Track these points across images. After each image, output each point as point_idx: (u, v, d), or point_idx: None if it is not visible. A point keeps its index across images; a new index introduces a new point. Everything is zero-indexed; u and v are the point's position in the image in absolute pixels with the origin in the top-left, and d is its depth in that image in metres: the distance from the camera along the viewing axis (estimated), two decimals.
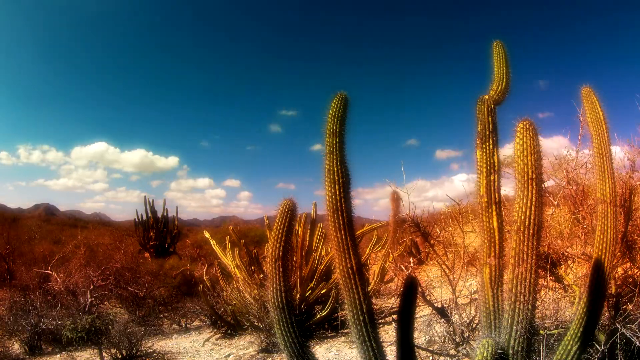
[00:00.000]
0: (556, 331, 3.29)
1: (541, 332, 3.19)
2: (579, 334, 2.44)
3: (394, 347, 3.21)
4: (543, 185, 2.40)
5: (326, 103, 2.69)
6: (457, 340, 4.03)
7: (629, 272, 3.65)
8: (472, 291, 5.03)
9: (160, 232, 15.60)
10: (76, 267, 9.13)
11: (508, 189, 2.78)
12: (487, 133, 2.72)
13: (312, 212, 7.10)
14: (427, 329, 4.47)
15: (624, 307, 3.46)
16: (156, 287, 10.18)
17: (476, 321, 4.04)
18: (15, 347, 6.87)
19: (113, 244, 12.70)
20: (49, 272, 9.32)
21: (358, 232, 6.48)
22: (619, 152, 3.81)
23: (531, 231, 2.24)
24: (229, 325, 7.13)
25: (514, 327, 2.30)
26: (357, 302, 2.49)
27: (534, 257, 2.25)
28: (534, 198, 2.26)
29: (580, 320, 2.47)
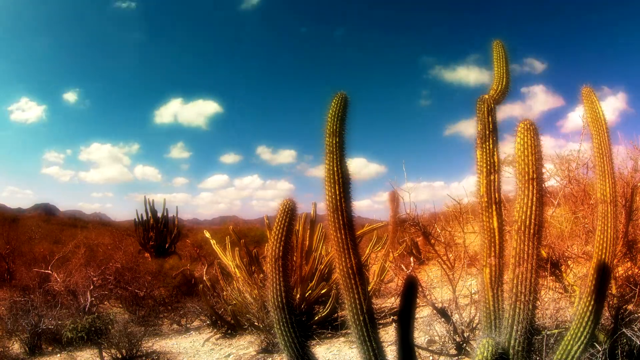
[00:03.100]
0: (556, 331, 3.28)
1: (542, 332, 3.19)
2: (579, 334, 2.44)
3: (394, 347, 3.21)
4: (544, 185, 2.39)
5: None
6: (458, 340, 4.02)
7: (630, 272, 3.65)
8: (473, 291, 5.03)
9: (160, 232, 15.59)
10: (76, 267, 9.12)
11: (509, 188, 2.78)
12: (487, 133, 2.71)
13: (312, 212, 7.09)
14: (427, 329, 4.46)
15: (625, 306, 3.45)
16: (156, 287, 10.17)
17: (476, 321, 4.04)
18: (15, 347, 6.86)
19: (113, 244, 12.70)
20: (49, 272, 9.31)
21: (358, 232, 6.48)
22: (621, 152, 3.81)
23: (532, 231, 2.24)
24: (229, 325, 7.13)
25: (515, 327, 2.29)
26: (357, 302, 2.49)
27: (535, 257, 2.24)
28: (534, 198, 2.25)
29: (581, 320, 2.47)
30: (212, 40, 36.30)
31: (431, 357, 4.44)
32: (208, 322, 7.92)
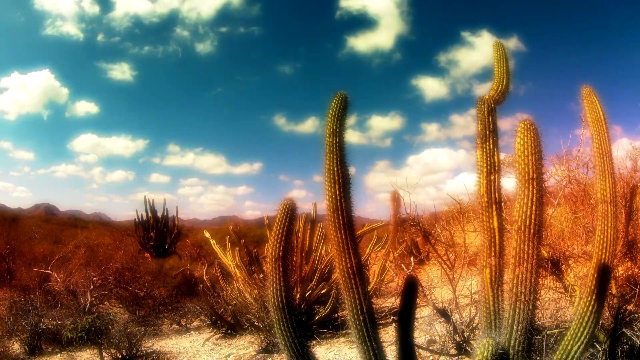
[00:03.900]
0: (556, 331, 3.28)
1: (542, 332, 3.19)
2: (579, 334, 2.44)
3: (394, 347, 3.21)
4: (544, 185, 2.39)
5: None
6: (458, 340, 4.02)
7: (630, 272, 3.65)
8: (473, 291, 5.03)
9: (160, 232, 15.60)
10: (76, 267, 9.12)
11: (509, 188, 2.78)
12: (487, 133, 2.71)
13: (312, 212, 7.09)
14: (427, 329, 4.47)
15: (625, 306, 3.45)
16: (156, 287, 10.17)
17: (476, 321, 4.04)
18: (15, 347, 6.86)
19: (113, 244, 12.70)
20: (49, 272, 9.32)
21: (358, 232, 6.48)
22: (620, 152, 3.81)
23: (532, 231, 2.24)
24: (229, 325, 7.13)
25: (515, 327, 2.29)
26: (357, 302, 2.49)
27: (535, 257, 2.24)
28: (534, 198, 2.25)
29: (581, 320, 2.47)
30: None
31: (431, 357, 4.44)
32: (208, 322, 7.92)
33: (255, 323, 6.30)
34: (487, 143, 2.70)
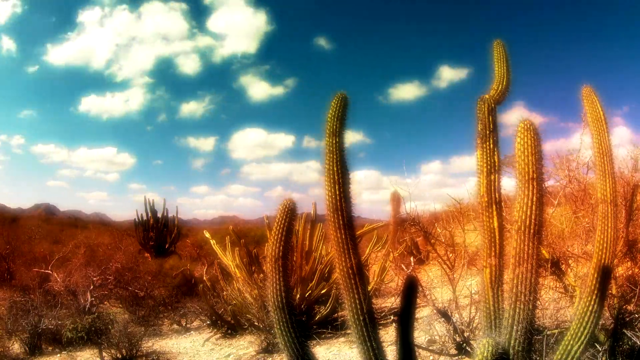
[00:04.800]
0: (556, 331, 3.28)
1: (542, 332, 3.19)
2: (579, 334, 2.44)
3: (394, 347, 3.20)
4: (544, 185, 2.39)
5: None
6: (458, 340, 4.02)
7: (630, 272, 3.64)
8: (473, 291, 5.02)
9: (160, 232, 15.59)
10: (76, 267, 9.11)
11: (509, 188, 2.78)
12: (488, 133, 2.71)
13: (312, 212, 7.09)
14: (427, 329, 4.46)
15: (625, 307, 3.45)
16: (156, 287, 10.16)
17: (476, 321, 4.04)
18: (15, 347, 6.86)
19: (113, 244, 12.69)
20: (49, 272, 9.31)
21: (358, 232, 6.47)
22: (621, 151, 3.81)
23: (532, 231, 2.24)
24: (229, 325, 7.13)
25: (515, 327, 2.29)
26: (357, 302, 2.49)
27: (535, 257, 2.24)
28: (534, 197, 2.25)
29: (581, 320, 2.47)
30: None
31: (431, 357, 4.44)
32: (208, 322, 7.91)
33: (255, 323, 6.31)
34: (487, 143, 2.70)
